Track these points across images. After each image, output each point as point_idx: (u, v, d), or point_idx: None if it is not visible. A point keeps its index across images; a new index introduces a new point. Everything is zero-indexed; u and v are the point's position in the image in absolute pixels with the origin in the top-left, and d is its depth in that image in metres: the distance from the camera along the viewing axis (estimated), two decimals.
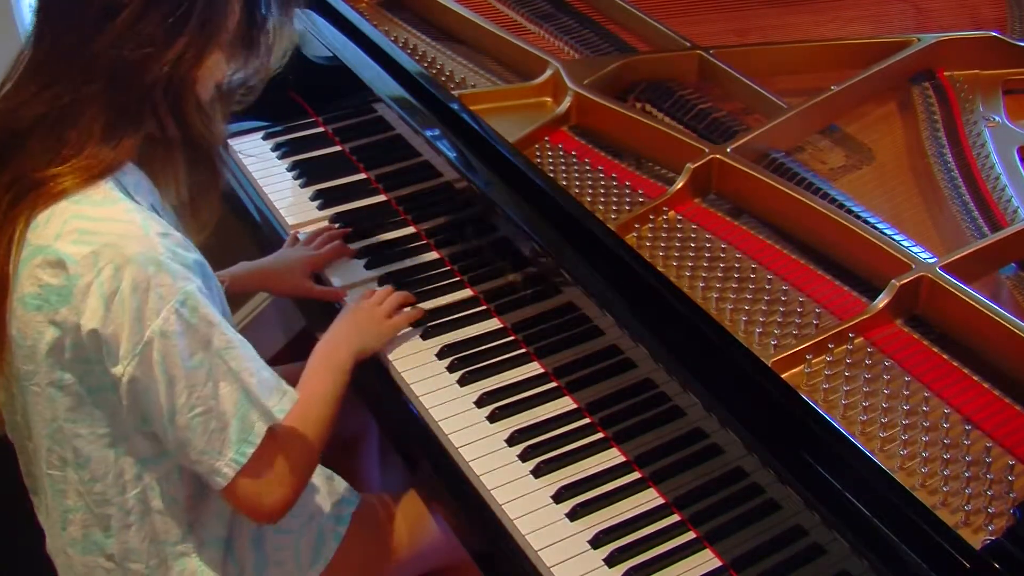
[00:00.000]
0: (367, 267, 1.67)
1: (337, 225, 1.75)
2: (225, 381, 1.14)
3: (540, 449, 1.36)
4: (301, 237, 1.73)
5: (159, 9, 1.10)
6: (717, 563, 1.23)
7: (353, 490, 1.48)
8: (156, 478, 1.23)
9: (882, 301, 1.24)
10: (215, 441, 1.15)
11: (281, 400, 1.19)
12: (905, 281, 1.24)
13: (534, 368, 1.48)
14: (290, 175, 1.89)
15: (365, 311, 1.50)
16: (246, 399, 1.15)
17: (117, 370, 1.12)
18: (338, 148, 1.95)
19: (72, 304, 1.11)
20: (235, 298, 2.37)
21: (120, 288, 1.09)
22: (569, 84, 1.62)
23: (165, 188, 1.25)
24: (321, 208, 1.81)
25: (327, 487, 1.45)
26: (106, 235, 1.10)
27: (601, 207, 1.47)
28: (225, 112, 1.25)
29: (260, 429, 1.17)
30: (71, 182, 1.13)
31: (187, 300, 1.11)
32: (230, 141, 1.96)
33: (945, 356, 1.22)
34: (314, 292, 1.64)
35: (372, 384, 1.49)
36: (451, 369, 1.48)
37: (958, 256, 1.28)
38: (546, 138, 1.59)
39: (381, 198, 1.82)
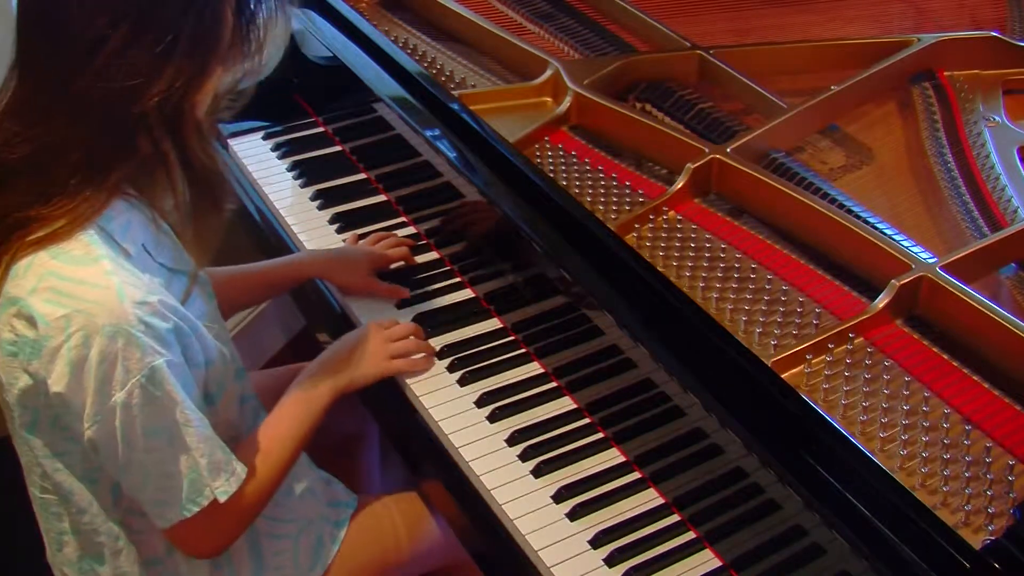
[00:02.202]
0: None
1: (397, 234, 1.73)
2: (181, 451, 1.16)
3: (540, 449, 1.36)
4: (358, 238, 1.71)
5: (145, 38, 1.06)
6: (717, 563, 1.23)
7: (351, 493, 1.48)
8: (132, 501, 1.23)
9: (882, 301, 1.24)
10: (165, 494, 1.17)
11: (228, 481, 1.20)
12: (905, 281, 1.24)
13: (534, 368, 1.48)
14: (290, 175, 1.89)
15: (370, 341, 1.45)
16: (197, 469, 1.17)
17: (79, 428, 1.13)
18: (338, 148, 1.95)
19: (41, 362, 1.10)
20: (296, 286, 2.22)
21: (88, 356, 1.08)
22: (569, 84, 1.62)
23: (163, 204, 1.21)
24: (321, 208, 1.81)
25: (325, 491, 1.45)
26: (80, 300, 1.08)
27: (601, 207, 1.47)
28: (213, 121, 1.22)
29: (209, 494, 1.18)
30: (55, 227, 1.10)
31: (153, 376, 1.11)
32: (230, 141, 1.96)
33: (945, 356, 1.22)
34: (379, 288, 1.62)
35: (372, 384, 1.49)
36: (451, 369, 1.48)
37: (958, 256, 1.28)
38: (546, 138, 1.59)
39: (381, 198, 1.82)
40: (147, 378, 1.10)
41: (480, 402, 1.43)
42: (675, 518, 1.28)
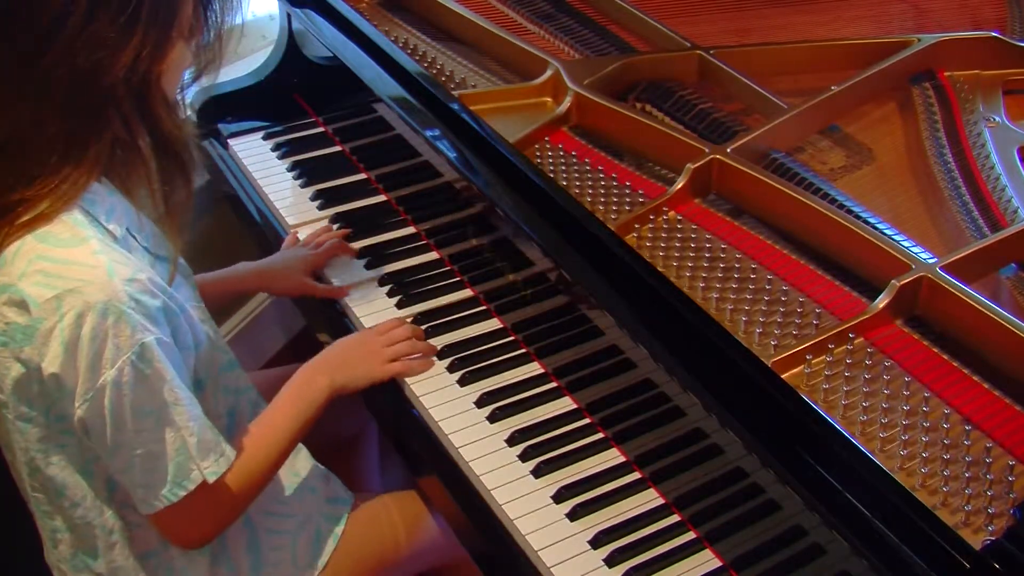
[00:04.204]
0: (367, 267, 1.67)
1: (336, 226, 1.75)
2: (170, 429, 1.16)
3: (540, 449, 1.36)
4: (300, 237, 1.73)
5: (107, 10, 1.07)
6: (717, 563, 1.23)
7: (348, 490, 1.49)
8: (126, 493, 1.22)
9: (882, 301, 1.24)
10: (151, 477, 1.17)
11: (217, 462, 1.20)
12: (905, 281, 1.24)
13: (534, 368, 1.48)
14: (290, 175, 1.89)
15: (369, 344, 1.45)
16: (185, 450, 1.17)
17: (71, 410, 1.13)
18: (338, 148, 1.95)
19: (35, 345, 1.11)
20: (236, 299, 2.38)
21: (80, 335, 1.09)
22: (569, 84, 1.62)
23: (141, 197, 1.22)
24: (321, 208, 1.81)
25: (324, 488, 1.45)
26: (70, 279, 1.09)
27: (601, 207, 1.47)
28: (182, 108, 1.22)
29: (196, 477, 1.18)
30: (40, 210, 1.11)
31: (143, 353, 1.11)
32: (230, 141, 1.97)
33: (945, 356, 1.22)
34: (316, 290, 1.63)
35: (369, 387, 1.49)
36: (451, 369, 1.48)
37: (958, 256, 1.28)
38: (546, 138, 1.59)
39: (381, 198, 1.83)
40: (137, 355, 1.11)
41: (480, 402, 1.43)
42: (675, 518, 1.28)
